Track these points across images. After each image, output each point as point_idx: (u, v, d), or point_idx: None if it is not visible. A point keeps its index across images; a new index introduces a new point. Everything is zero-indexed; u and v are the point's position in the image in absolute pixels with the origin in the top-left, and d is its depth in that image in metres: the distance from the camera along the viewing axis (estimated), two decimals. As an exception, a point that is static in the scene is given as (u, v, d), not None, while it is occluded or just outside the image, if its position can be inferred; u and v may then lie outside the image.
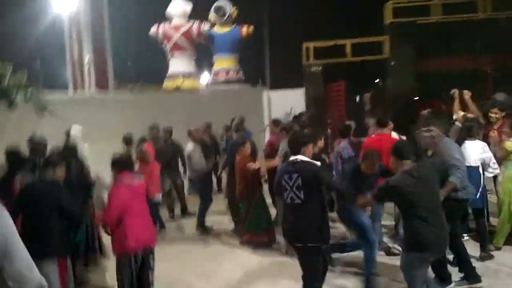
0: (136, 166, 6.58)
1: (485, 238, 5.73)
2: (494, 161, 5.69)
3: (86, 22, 12.59)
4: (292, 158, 4.27)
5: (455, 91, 6.79)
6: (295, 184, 4.11)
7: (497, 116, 6.40)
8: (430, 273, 4.44)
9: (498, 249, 5.85)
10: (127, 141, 7.69)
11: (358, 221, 5.09)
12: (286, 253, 6.22)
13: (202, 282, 5.76)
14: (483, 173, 5.63)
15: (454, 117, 6.58)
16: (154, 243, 4.64)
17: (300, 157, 4.21)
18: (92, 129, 8.47)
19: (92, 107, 9.42)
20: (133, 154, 7.03)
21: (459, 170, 4.75)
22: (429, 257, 4.01)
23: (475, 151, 5.54)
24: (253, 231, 6.77)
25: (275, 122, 8.60)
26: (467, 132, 5.72)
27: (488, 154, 5.66)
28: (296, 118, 10.31)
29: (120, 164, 4.60)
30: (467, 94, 6.65)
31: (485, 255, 5.65)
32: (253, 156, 6.92)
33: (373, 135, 6.42)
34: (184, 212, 9.06)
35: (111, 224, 4.38)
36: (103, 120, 9.24)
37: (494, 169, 5.74)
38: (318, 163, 4.32)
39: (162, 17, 14.65)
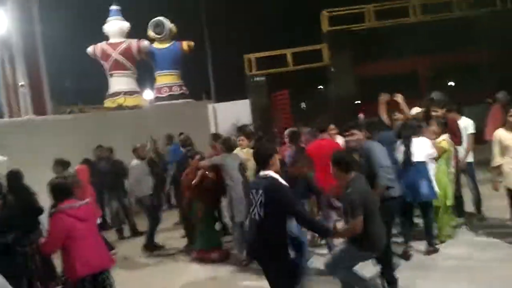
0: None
1: (431, 231, 5.92)
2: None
3: (18, 45, 12.08)
4: (261, 173, 4.05)
5: (382, 96, 6.98)
6: (258, 200, 3.95)
7: (437, 113, 6.72)
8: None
9: (442, 242, 6.00)
10: (62, 164, 7.32)
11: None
12: (245, 265, 6.15)
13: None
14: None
15: (383, 118, 6.70)
16: (108, 265, 4.50)
17: (270, 173, 3.99)
18: (32, 154, 8.13)
19: (30, 132, 9.00)
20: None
21: (384, 170, 4.95)
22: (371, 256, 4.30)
23: (421, 148, 5.74)
24: (202, 249, 6.69)
25: (215, 137, 8.49)
26: (412, 131, 5.93)
27: (434, 150, 5.90)
28: (240, 129, 10.01)
29: (60, 192, 4.42)
30: (398, 97, 6.87)
31: (431, 249, 5.79)
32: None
33: (315, 140, 6.47)
34: (134, 231, 8.81)
35: (52, 253, 4.32)
36: (42, 145, 8.85)
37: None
38: (286, 184, 4.08)
39: (99, 36, 14.36)
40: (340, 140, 6.76)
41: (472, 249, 5.76)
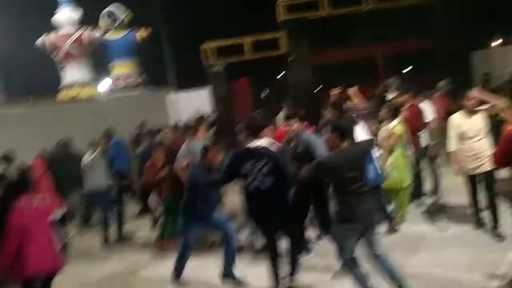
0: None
1: (386, 213, 6.11)
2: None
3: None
4: (255, 143, 4.40)
5: (333, 91, 7.09)
6: (262, 169, 4.31)
7: (400, 99, 6.94)
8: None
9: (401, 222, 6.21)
10: (7, 159, 7.07)
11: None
12: (210, 247, 6.21)
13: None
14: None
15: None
16: (56, 269, 4.35)
17: (264, 143, 4.40)
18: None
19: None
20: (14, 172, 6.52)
21: None
22: (360, 227, 4.24)
23: (361, 136, 5.88)
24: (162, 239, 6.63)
25: (175, 127, 8.37)
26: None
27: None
28: (199, 120, 9.21)
29: (14, 188, 4.28)
30: (351, 90, 7.00)
31: (390, 230, 6.02)
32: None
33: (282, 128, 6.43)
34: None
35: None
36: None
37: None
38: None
39: (50, 26, 13.86)
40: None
41: (430, 228, 6.12)
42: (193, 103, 13.87)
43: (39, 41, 13.78)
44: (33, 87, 15.99)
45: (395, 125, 6.11)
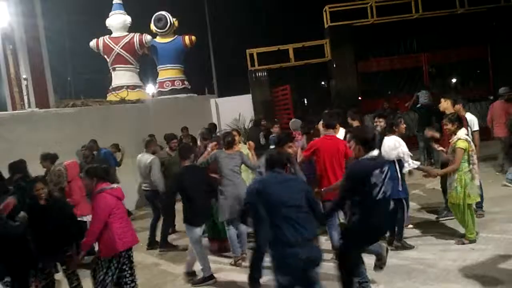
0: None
1: (402, 228, 5.93)
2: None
3: (20, 38, 12.09)
4: (373, 154, 4.12)
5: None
6: (385, 178, 4.07)
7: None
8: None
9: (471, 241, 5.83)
10: (50, 158, 7.27)
11: None
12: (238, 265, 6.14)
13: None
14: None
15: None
16: (136, 242, 4.91)
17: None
18: (34, 147, 8.14)
19: (33, 124, 9.02)
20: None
21: None
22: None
23: (389, 148, 5.73)
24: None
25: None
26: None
27: (402, 149, 5.79)
28: (256, 123, 11.19)
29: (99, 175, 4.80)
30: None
31: (399, 245, 5.84)
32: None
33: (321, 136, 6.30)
34: None
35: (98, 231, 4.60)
36: (45, 137, 8.88)
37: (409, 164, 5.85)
38: None
39: (102, 30, 14.37)
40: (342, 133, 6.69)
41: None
42: (235, 108, 14.02)
43: (92, 43, 14.30)
44: (83, 88, 16.63)
45: (458, 140, 5.81)
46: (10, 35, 12.10)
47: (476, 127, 6.98)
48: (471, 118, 6.98)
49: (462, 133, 5.89)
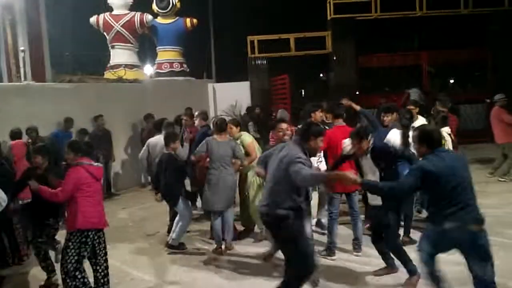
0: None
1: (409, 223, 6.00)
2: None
3: (20, 10, 11.92)
4: None
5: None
6: None
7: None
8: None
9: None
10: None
11: None
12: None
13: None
14: None
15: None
16: (103, 226, 4.78)
17: None
18: (29, 119, 8.11)
19: (29, 97, 8.94)
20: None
21: None
22: None
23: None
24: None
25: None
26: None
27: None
28: (249, 110, 11.57)
29: (78, 150, 4.78)
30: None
31: (407, 240, 5.78)
32: None
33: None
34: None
35: (62, 201, 4.66)
36: (40, 111, 8.83)
37: None
38: None
39: (102, 6, 14.21)
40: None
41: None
42: (232, 94, 13.97)
43: (92, 19, 14.14)
44: (81, 64, 16.48)
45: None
46: (10, 6, 11.94)
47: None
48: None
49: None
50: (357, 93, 15.13)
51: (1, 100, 8.36)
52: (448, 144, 6.61)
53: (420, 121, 6.63)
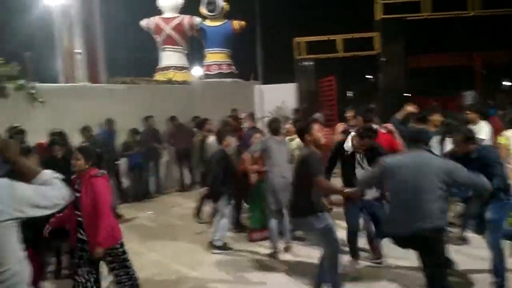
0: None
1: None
2: None
3: (77, 14, 12.49)
4: None
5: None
6: None
7: None
8: None
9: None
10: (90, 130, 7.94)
11: None
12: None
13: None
14: None
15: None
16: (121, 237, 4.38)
17: None
18: (85, 119, 8.50)
19: (84, 97, 9.38)
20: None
21: None
22: None
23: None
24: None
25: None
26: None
27: None
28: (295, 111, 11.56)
29: (98, 159, 4.42)
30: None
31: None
32: None
33: None
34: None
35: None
36: (95, 111, 9.23)
37: None
38: None
39: (154, 9, 14.61)
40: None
41: None
42: (279, 96, 14.01)
43: (143, 22, 14.58)
44: (132, 66, 17.01)
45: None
46: (67, 10, 12.53)
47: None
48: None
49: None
50: (408, 94, 14.82)
51: (58, 100, 8.79)
52: None
53: (482, 125, 6.26)
